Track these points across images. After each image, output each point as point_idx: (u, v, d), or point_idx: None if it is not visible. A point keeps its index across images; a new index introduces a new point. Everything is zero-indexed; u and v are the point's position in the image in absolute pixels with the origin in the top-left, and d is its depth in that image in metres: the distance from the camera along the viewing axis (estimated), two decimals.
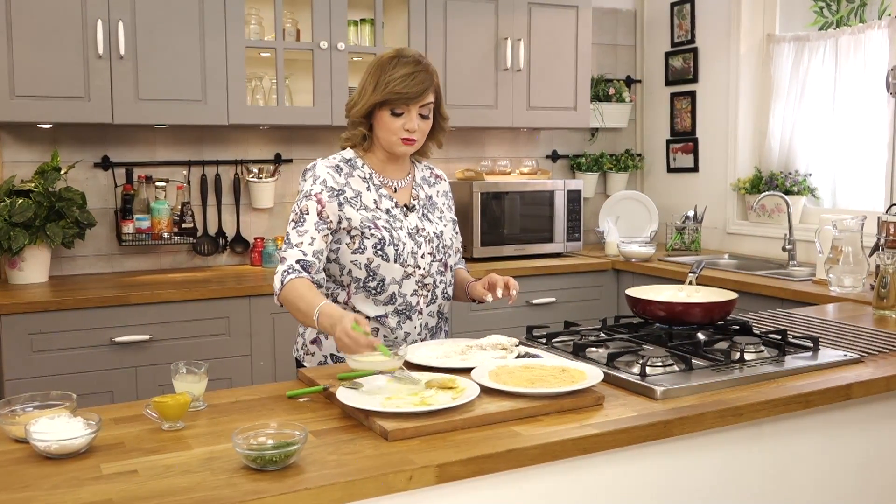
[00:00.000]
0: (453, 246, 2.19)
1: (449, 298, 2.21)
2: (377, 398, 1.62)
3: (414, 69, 2.00)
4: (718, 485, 1.70)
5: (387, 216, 2.07)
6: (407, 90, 1.97)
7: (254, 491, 1.27)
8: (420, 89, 1.99)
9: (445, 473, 1.37)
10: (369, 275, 2.04)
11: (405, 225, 2.08)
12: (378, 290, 2.06)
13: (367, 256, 2.03)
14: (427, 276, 2.10)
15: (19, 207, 3.14)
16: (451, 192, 2.31)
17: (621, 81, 4.63)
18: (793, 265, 3.65)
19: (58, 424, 1.45)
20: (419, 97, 2.00)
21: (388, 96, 1.98)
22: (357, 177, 2.09)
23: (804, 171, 3.95)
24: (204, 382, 1.70)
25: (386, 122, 2.02)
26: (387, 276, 2.05)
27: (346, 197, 2.04)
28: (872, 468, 1.92)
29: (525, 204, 4.01)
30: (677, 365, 1.86)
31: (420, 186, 2.19)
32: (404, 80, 1.97)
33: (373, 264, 2.03)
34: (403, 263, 2.05)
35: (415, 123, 2.02)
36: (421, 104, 2.02)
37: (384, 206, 2.08)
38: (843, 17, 3.86)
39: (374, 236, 2.02)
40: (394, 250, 2.04)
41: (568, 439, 1.47)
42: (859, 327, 2.35)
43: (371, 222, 2.03)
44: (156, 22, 3.26)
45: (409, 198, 2.15)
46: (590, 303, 3.90)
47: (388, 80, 1.98)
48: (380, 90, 1.99)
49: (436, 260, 2.12)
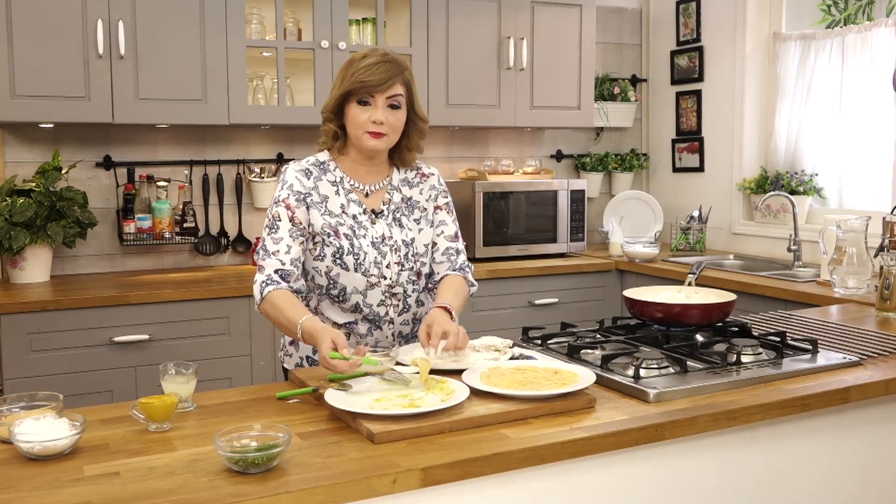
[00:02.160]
0: (427, 254, 2.10)
1: (424, 304, 2.14)
2: (365, 400, 1.61)
3: (380, 59, 1.97)
4: (713, 489, 1.67)
5: (352, 222, 2.02)
6: (371, 77, 1.94)
7: (235, 494, 1.25)
8: (385, 77, 1.94)
9: (430, 477, 1.35)
10: (330, 283, 2.02)
11: (370, 233, 2.03)
12: (340, 298, 2.03)
13: (326, 265, 2.00)
14: (395, 285, 2.04)
15: (20, 207, 3.15)
16: (441, 184, 2.18)
17: (626, 81, 4.59)
18: (798, 266, 3.61)
19: (43, 425, 1.45)
20: (383, 84, 1.94)
21: (353, 85, 1.95)
22: (326, 181, 2.05)
23: (810, 171, 3.91)
24: (193, 383, 1.69)
25: (353, 115, 1.98)
26: (348, 285, 2.01)
27: (312, 200, 2.01)
28: (871, 473, 1.89)
29: (528, 204, 3.98)
30: (672, 367, 1.84)
31: (396, 190, 2.11)
32: (369, 68, 1.95)
33: (332, 272, 2.01)
34: (365, 273, 2.01)
35: (381, 114, 1.96)
36: (388, 94, 1.96)
37: (351, 211, 2.04)
38: (851, 14, 3.81)
39: (333, 244, 1.99)
40: (353, 259, 2.00)
41: (556, 442, 1.45)
42: (861, 329, 2.31)
43: (332, 229, 2.00)
44: (156, 21, 3.25)
45: (379, 203, 2.08)
46: (593, 303, 3.87)
47: (354, 70, 1.96)
48: (346, 81, 1.97)
49: (405, 269, 2.05)
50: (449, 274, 2.11)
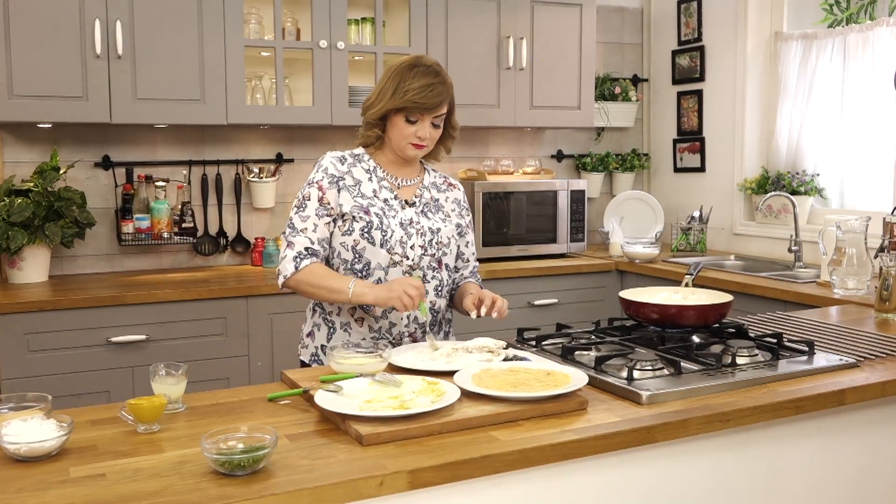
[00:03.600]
0: (451, 245, 2.20)
1: (444, 298, 2.20)
2: (356, 401, 1.60)
3: (433, 80, 2.06)
4: (706, 492, 1.66)
5: (382, 204, 2.12)
6: (425, 101, 2.03)
7: (219, 496, 1.24)
8: (437, 101, 2.06)
9: (418, 479, 1.34)
10: (355, 257, 2.09)
11: (399, 215, 2.12)
12: (363, 273, 2.09)
13: (353, 238, 2.08)
14: (416, 268, 2.12)
15: (17, 207, 3.14)
16: (465, 202, 2.32)
17: (628, 80, 4.58)
18: (799, 267, 3.59)
19: (30, 426, 1.44)
20: (435, 109, 2.06)
21: (406, 104, 2.04)
22: (361, 168, 2.15)
23: (812, 171, 3.89)
24: (183, 384, 1.68)
25: (399, 127, 2.09)
26: (372, 260, 2.09)
27: (345, 184, 2.10)
28: (867, 476, 1.87)
29: (528, 204, 3.97)
30: (667, 369, 1.83)
31: (427, 189, 2.22)
32: (423, 90, 2.03)
33: (358, 246, 2.08)
34: (390, 250, 2.09)
35: (427, 132, 2.09)
36: (435, 115, 2.08)
37: (382, 195, 2.13)
38: (853, 14, 3.79)
39: (363, 219, 2.08)
40: (381, 235, 2.08)
41: (546, 445, 1.44)
42: (859, 331, 2.30)
43: (362, 208, 2.08)
44: (154, 21, 3.25)
45: (411, 196, 2.19)
46: (592, 304, 3.85)
47: (408, 89, 2.04)
48: (398, 97, 2.05)
49: (427, 254, 2.14)
50: (472, 282, 2.31)
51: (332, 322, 2.16)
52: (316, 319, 2.20)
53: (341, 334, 2.14)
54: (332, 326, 2.16)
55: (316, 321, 2.20)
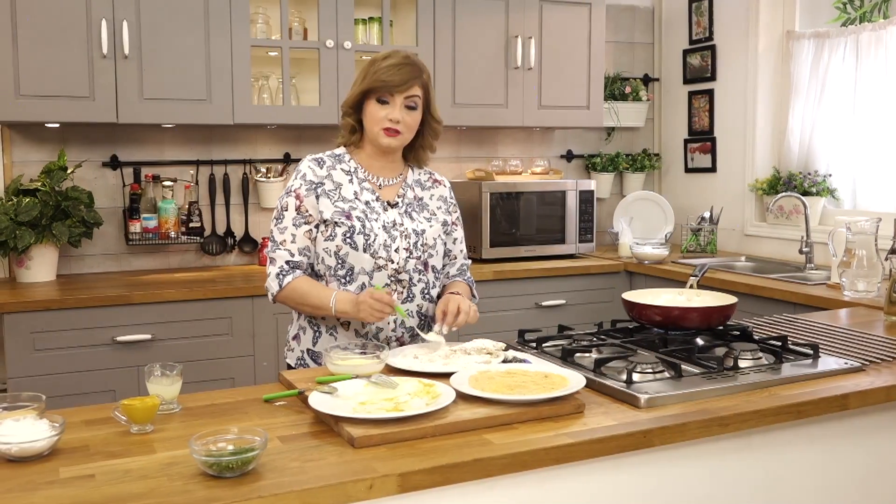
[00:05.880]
0: (437, 247, 2.15)
1: (432, 301, 2.17)
2: (350, 403, 1.58)
3: (401, 61, 2.06)
4: (705, 498, 1.63)
5: (364, 207, 2.09)
6: (391, 78, 2.03)
7: (207, 498, 1.23)
8: (405, 78, 2.04)
9: (408, 483, 1.32)
10: (339, 262, 2.07)
11: (382, 217, 2.09)
12: (347, 279, 2.07)
13: (336, 244, 2.06)
14: (401, 271, 2.09)
15: (25, 206, 3.16)
16: (452, 198, 2.27)
17: (638, 80, 4.54)
18: (810, 268, 3.54)
19: (23, 426, 1.43)
20: (403, 85, 2.04)
21: (374, 83, 2.04)
22: (340, 170, 2.12)
23: (824, 172, 3.84)
24: (178, 385, 1.68)
25: (372, 112, 2.06)
26: (356, 265, 2.06)
27: (324, 189, 2.08)
28: (871, 482, 1.83)
29: (536, 204, 3.95)
30: (667, 372, 1.80)
31: (410, 188, 2.18)
32: (390, 69, 2.04)
33: (341, 252, 2.06)
34: (374, 255, 2.06)
35: (398, 114, 2.05)
36: (406, 95, 2.04)
37: (364, 198, 2.10)
38: (867, 12, 3.74)
39: (345, 224, 2.05)
40: (363, 239, 2.05)
41: (540, 448, 1.42)
42: (867, 334, 2.26)
43: (344, 213, 2.06)
44: (160, 21, 3.25)
45: (393, 196, 2.15)
46: (600, 305, 3.82)
47: (376, 70, 2.05)
48: (368, 79, 2.05)
49: (412, 257, 2.10)
50: (459, 280, 2.24)
51: (317, 325, 2.13)
52: (301, 322, 2.17)
53: (327, 338, 2.11)
54: (318, 330, 2.13)
55: (301, 324, 2.17)
